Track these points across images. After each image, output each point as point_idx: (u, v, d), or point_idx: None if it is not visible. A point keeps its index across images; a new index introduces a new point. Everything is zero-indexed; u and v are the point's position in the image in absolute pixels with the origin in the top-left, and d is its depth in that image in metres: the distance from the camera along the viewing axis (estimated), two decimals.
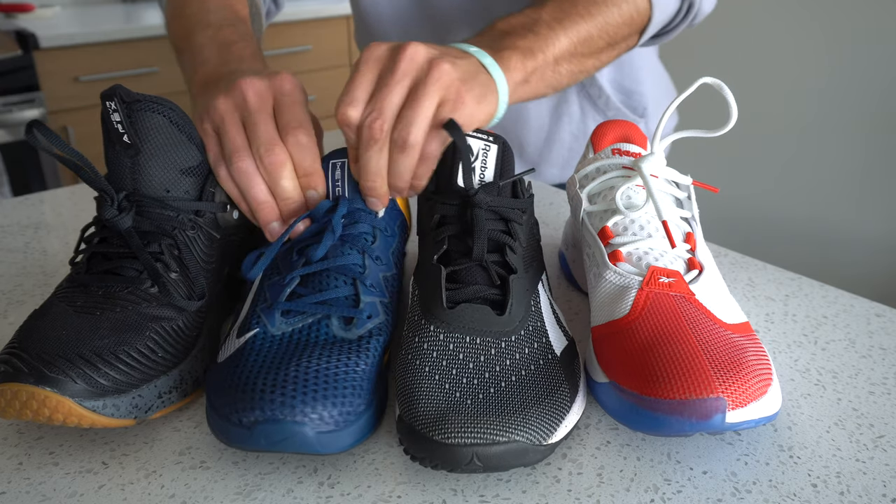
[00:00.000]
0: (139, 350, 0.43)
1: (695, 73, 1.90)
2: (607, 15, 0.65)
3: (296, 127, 0.48)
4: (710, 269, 0.48)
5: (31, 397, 0.39)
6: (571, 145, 0.94)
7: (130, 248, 0.46)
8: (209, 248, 0.50)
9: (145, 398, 0.43)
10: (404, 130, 0.46)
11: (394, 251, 0.51)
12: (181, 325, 0.46)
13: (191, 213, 0.49)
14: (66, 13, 2.29)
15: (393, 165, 0.48)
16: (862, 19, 1.64)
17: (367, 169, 0.48)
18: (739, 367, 0.40)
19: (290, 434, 0.38)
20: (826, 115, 1.76)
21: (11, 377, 0.39)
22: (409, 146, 0.47)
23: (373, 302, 0.46)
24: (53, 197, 0.84)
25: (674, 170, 0.51)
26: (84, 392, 0.40)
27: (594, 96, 0.92)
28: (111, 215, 0.46)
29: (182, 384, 0.45)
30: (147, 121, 0.47)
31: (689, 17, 0.73)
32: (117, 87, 0.47)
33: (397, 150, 0.47)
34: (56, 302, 0.45)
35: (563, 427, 0.40)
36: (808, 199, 1.85)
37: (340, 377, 0.41)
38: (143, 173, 0.47)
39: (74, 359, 0.40)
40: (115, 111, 0.46)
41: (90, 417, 0.40)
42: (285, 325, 0.44)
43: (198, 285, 0.48)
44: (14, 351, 0.41)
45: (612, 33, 0.66)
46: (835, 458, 0.42)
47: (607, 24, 0.65)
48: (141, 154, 0.47)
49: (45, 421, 0.40)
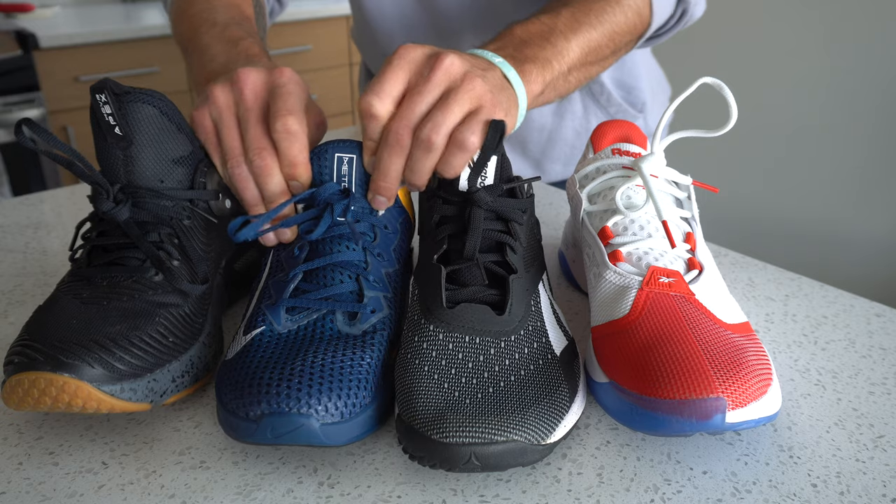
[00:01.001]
0: (151, 335, 0.43)
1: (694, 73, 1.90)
2: (614, 23, 0.66)
3: (284, 114, 0.48)
4: (710, 269, 0.48)
5: (49, 384, 0.39)
6: (574, 142, 0.95)
7: (130, 239, 0.47)
8: (206, 236, 0.51)
9: (160, 382, 0.43)
10: (432, 131, 0.46)
11: (396, 247, 0.51)
12: (188, 311, 0.47)
13: (185, 202, 0.49)
14: (66, 13, 2.29)
15: (414, 163, 0.48)
16: (862, 18, 1.64)
17: (385, 170, 0.48)
18: (739, 367, 0.40)
19: (295, 426, 0.39)
20: (826, 115, 1.76)
21: (27, 366, 0.39)
22: (434, 147, 0.47)
23: (376, 297, 0.47)
24: (53, 197, 0.84)
25: (674, 170, 0.51)
26: (102, 377, 0.40)
27: (596, 93, 0.92)
28: (108, 208, 0.46)
29: (193, 369, 0.46)
30: (138, 112, 0.47)
31: (681, 22, 0.74)
32: (107, 80, 0.47)
33: (421, 149, 0.47)
34: (61, 296, 0.45)
35: (562, 427, 0.40)
36: (808, 199, 1.85)
37: (346, 370, 0.41)
38: (136, 164, 0.48)
39: (90, 344, 0.41)
40: (105, 103, 0.47)
41: (109, 402, 0.41)
42: (290, 323, 0.45)
43: (200, 271, 0.49)
44: (26, 342, 0.41)
45: (617, 41, 0.67)
46: (835, 458, 0.42)
47: (614, 32, 0.66)
48: (133, 145, 0.47)
49: (65, 408, 0.40)
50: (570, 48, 0.61)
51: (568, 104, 0.92)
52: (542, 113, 0.92)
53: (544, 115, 0.92)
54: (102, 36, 2.01)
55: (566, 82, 0.63)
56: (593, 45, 0.64)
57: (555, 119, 0.93)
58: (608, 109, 0.94)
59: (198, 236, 0.50)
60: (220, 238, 0.52)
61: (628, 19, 0.67)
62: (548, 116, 0.92)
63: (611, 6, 0.66)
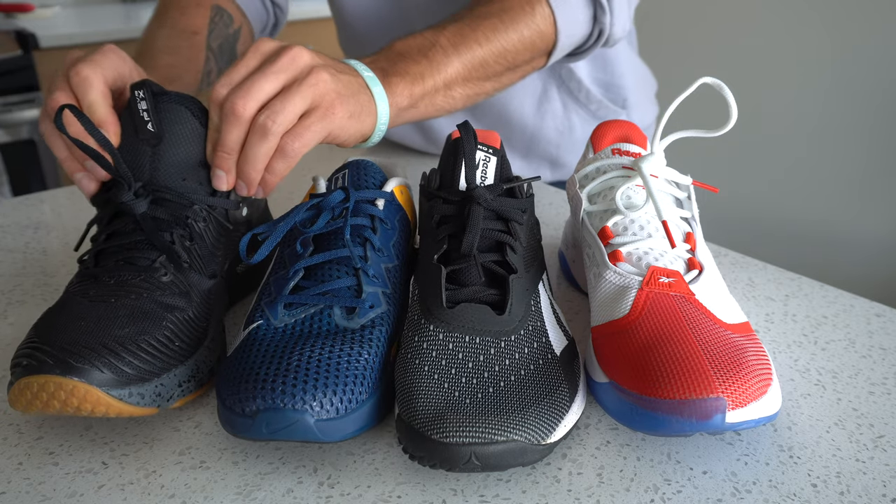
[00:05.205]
0: (158, 339, 0.44)
1: (693, 73, 1.90)
2: (506, 41, 0.66)
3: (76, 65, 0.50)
4: (710, 269, 0.48)
5: (58, 388, 0.39)
6: (559, 142, 0.94)
7: (144, 234, 0.48)
8: (217, 240, 0.51)
9: (167, 387, 0.44)
10: (268, 118, 0.48)
11: (395, 243, 0.51)
12: (192, 314, 0.47)
13: (205, 206, 0.50)
14: (66, 13, 2.29)
15: (248, 149, 0.49)
16: (862, 18, 1.64)
17: (222, 141, 0.49)
18: (739, 367, 0.40)
19: (290, 422, 0.39)
20: (826, 115, 1.76)
21: (36, 370, 0.39)
22: (269, 133, 0.48)
23: (375, 292, 0.47)
24: (53, 197, 0.84)
25: (674, 170, 0.51)
26: (110, 381, 0.40)
27: (574, 91, 0.92)
28: (127, 198, 0.47)
29: (198, 373, 0.46)
30: (172, 111, 0.50)
31: (599, 42, 0.74)
32: (147, 80, 0.50)
33: (257, 134, 0.48)
34: (69, 297, 0.45)
35: (562, 427, 0.40)
36: (808, 199, 1.85)
37: (343, 366, 0.41)
38: (161, 161, 0.49)
39: (98, 348, 0.41)
40: (142, 100, 0.49)
41: (117, 406, 0.41)
42: (288, 317, 0.45)
43: (207, 273, 0.50)
44: (34, 345, 0.41)
45: (510, 59, 0.67)
46: (835, 458, 0.42)
47: (505, 50, 0.66)
48: (163, 142, 0.49)
49: (73, 412, 0.40)
50: (449, 63, 0.62)
51: (547, 104, 0.92)
52: (523, 113, 0.92)
53: (525, 116, 0.92)
54: (102, 36, 2.01)
55: (448, 97, 0.64)
56: (478, 61, 0.64)
57: (535, 119, 0.92)
58: (589, 107, 0.93)
59: (210, 240, 0.51)
60: (230, 243, 0.53)
61: (524, 37, 0.67)
62: (529, 116, 0.92)
63: (504, 23, 0.66)
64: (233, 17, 0.80)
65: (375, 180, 0.54)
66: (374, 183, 0.53)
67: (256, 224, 0.57)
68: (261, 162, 0.49)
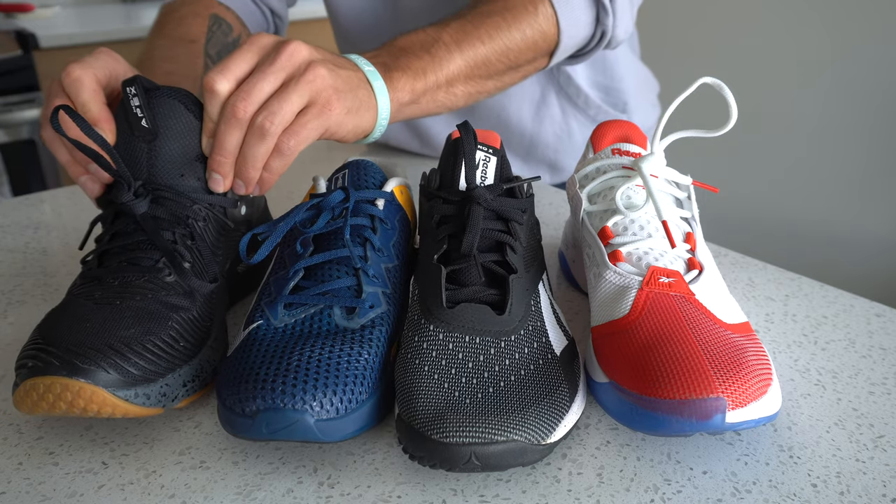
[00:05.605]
0: (163, 340, 0.43)
1: (693, 73, 1.90)
2: (509, 39, 0.66)
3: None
4: (710, 269, 0.48)
5: (64, 389, 0.39)
6: (557, 146, 0.94)
7: (146, 235, 0.47)
8: (217, 240, 0.51)
9: (172, 387, 0.44)
10: (266, 119, 0.48)
11: (395, 243, 0.51)
12: (196, 314, 0.47)
13: (204, 205, 0.50)
14: (66, 13, 2.29)
15: (247, 149, 0.49)
16: (862, 18, 1.64)
17: (221, 144, 0.49)
18: (739, 367, 0.40)
19: (290, 422, 0.39)
20: (826, 115, 1.76)
21: (42, 371, 0.39)
22: (268, 134, 0.48)
23: (375, 292, 0.47)
24: (53, 197, 0.84)
25: (674, 170, 0.51)
26: (116, 382, 0.40)
27: (573, 95, 0.92)
28: (127, 199, 0.47)
29: (202, 373, 0.46)
30: (165, 106, 0.49)
31: (602, 43, 0.74)
32: (138, 76, 0.49)
33: (255, 135, 0.48)
34: (73, 299, 0.45)
35: (562, 427, 0.40)
36: (808, 199, 1.85)
37: (342, 366, 0.41)
38: (158, 157, 0.49)
39: (104, 349, 0.41)
40: (134, 96, 0.48)
41: (123, 407, 0.41)
42: (287, 317, 0.45)
43: (209, 273, 0.50)
44: (39, 346, 0.41)
45: (512, 57, 0.67)
46: (835, 458, 0.42)
47: (508, 49, 0.66)
48: (158, 138, 0.49)
49: (79, 413, 0.40)
50: (451, 60, 0.62)
51: (546, 109, 0.92)
52: (521, 118, 0.92)
53: (523, 120, 0.92)
54: (102, 36, 2.01)
55: (449, 94, 0.63)
56: (480, 59, 0.64)
57: (534, 124, 0.92)
58: (587, 112, 0.93)
59: (211, 239, 0.50)
60: (230, 243, 0.53)
61: (527, 37, 0.67)
62: (527, 121, 0.92)
63: (506, 22, 0.65)
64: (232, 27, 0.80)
65: (375, 180, 0.54)
66: (374, 183, 0.53)
67: (256, 224, 0.57)
68: (259, 162, 0.49)
